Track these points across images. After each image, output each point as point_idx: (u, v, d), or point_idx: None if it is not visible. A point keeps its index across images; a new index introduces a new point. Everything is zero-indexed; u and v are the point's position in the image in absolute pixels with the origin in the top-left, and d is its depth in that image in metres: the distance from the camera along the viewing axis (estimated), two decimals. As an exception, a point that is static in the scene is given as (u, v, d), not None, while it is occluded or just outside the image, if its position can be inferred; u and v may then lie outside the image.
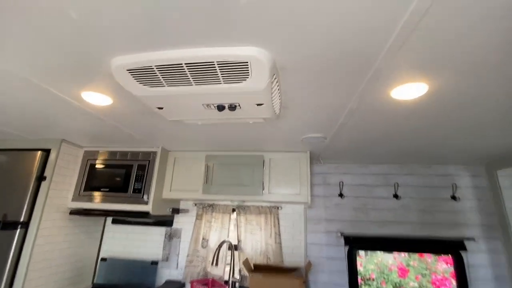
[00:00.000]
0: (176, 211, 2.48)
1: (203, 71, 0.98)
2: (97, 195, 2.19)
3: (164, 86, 1.07)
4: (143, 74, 1.01)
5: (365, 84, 1.10)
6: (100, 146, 2.34)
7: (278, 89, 1.12)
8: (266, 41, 0.85)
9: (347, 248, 2.34)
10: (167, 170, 2.32)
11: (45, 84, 1.19)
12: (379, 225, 2.38)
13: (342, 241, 2.35)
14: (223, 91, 1.07)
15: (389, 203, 2.43)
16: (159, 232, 2.55)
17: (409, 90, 1.12)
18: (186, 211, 2.53)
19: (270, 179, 2.18)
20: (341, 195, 2.47)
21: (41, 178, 2.03)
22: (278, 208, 2.41)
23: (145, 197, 2.12)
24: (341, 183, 2.51)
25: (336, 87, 1.14)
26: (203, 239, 2.42)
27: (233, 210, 2.48)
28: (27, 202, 1.94)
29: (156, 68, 0.97)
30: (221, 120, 1.42)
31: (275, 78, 1.03)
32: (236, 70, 0.96)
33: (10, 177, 2.01)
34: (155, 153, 2.23)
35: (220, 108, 1.19)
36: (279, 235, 2.36)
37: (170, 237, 2.52)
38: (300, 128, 1.67)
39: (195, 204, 2.51)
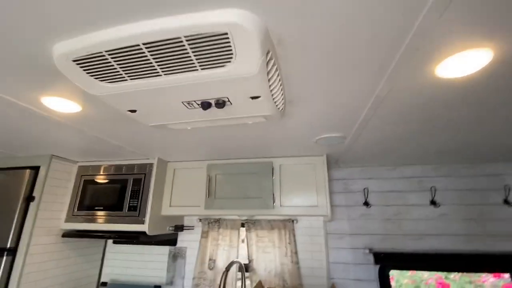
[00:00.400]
0: (180, 228, 2.23)
1: (169, 54, 0.71)
2: (91, 214, 1.98)
3: (125, 79, 0.81)
4: (94, 65, 0.76)
5: (399, 60, 0.78)
6: (94, 161, 2.15)
7: (278, 75, 0.84)
8: (250, -3, 0.58)
9: (377, 267, 1.96)
10: (166, 183, 2.07)
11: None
12: (415, 238, 1.99)
13: (371, 258, 1.98)
14: (202, 80, 0.80)
15: (426, 211, 2.04)
16: (162, 251, 2.30)
17: (463, 62, 0.79)
18: (190, 228, 2.27)
19: (281, 189, 1.88)
20: (366, 203, 2.11)
21: (29, 198, 1.86)
22: (293, 221, 2.09)
23: (141, 215, 1.88)
24: (366, 190, 2.15)
25: (358, 68, 0.83)
26: (210, 259, 2.14)
27: (242, 225, 2.18)
28: (14, 225, 1.76)
29: (108, 54, 0.72)
30: (213, 122, 1.15)
31: (271, 58, 0.74)
32: (214, 48, 0.68)
33: (-3, 198, 1.85)
34: (151, 165, 2.00)
35: (205, 105, 0.92)
36: (296, 253, 2.03)
37: (174, 257, 2.27)
38: (313, 128, 1.36)
39: (200, 220, 2.25)
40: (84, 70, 0.78)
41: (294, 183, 1.88)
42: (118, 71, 0.78)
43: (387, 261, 1.96)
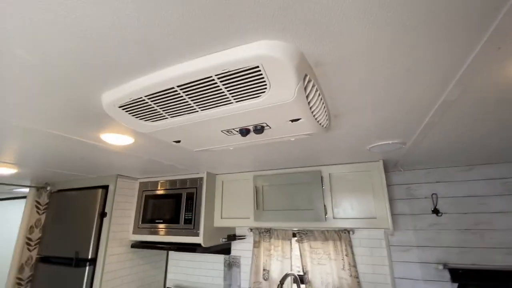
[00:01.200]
0: (232, 237, 2.28)
1: (203, 92, 0.70)
2: (153, 227, 2.16)
3: (166, 118, 0.83)
4: (137, 108, 0.79)
5: (476, 56, 0.63)
6: (152, 177, 2.33)
7: (319, 95, 0.76)
8: (283, 26, 0.51)
9: (456, 285, 1.69)
10: (216, 195, 2.14)
11: (63, 133, 1.11)
12: (503, 252, 1.66)
13: (447, 275, 1.72)
14: (238, 111, 0.76)
15: (518, 219, 1.68)
16: (217, 260, 2.39)
17: None
18: (243, 237, 2.31)
19: (333, 199, 1.76)
20: (436, 211, 1.84)
21: (103, 214, 2.11)
22: (349, 232, 1.95)
23: (196, 227, 1.97)
24: (434, 196, 1.87)
25: (420, 70, 0.70)
26: (264, 269, 2.14)
27: (294, 235, 2.12)
28: (92, 239, 2.02)
29: (148, 99, 0.74)
30: (253, 142, 1.11)
31: (309, 80, 0.67)
32: (246, 81, 0.64)
33: (78, 215, 2.15)
34: (201, 179, 2.08)
35: (244, 132, 0.89)
36: (355, 266, 1.88)
37: (229, 265, 2.33)
38: (364, 137, 1.23)
39: (251, 230, 2.26)
40: (129, 113, 0.82)
41: (347, 193, 1.74)
42: (159, 112, 0.80)
43: (468, 279, 1.68)
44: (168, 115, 0.81)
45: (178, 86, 0.68)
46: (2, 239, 3.61)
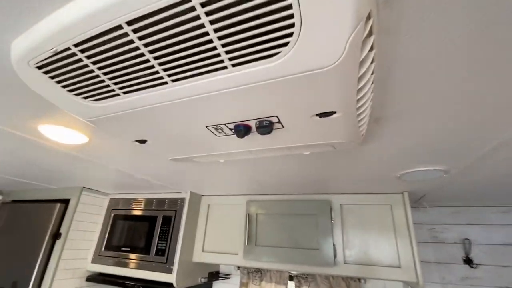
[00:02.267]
0: (215, 276, 1.85)
1: (176, 41, 0.39)
2: (118, 256, 1.73)
3: (116, 94, 0.51)
4: (66, 72, 0.47)
5: None
6: (125, 193, 1.95)
7: (372, 72, 0.45)
8: None
9: None
10: (199, 222, 1.75)
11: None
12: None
13: None
14: (236, 88, 0.45)
15: None
16: (195, 303, 1.93)
17: None
18: (227, 276, 1.88)
19: (344, 237, 1.40)
20: (469, 261, 1.49)
21: (56, 235, 1.69)
22: (360, 281, 1.56)
23: (169, 262, 1.57)
24: (466, 242, 1.53)
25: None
26: (250, 321, 1.70)
27: (290, 278, 1.72)
28: (37, 266, 1.59)
29: (81, 52, 0.43)
30: (255, 153, 0.79)
31: (369, 33, 0.37)
32: (258, 23, 0.34)
33: (25, 234, 1.73)
34: (182, 200, 1.71)
35: (241, 131, 0.57)
36: (367, 327, 1.47)
37: (208, 312, 1.87)
38: (401, 157, 0.91)
39: (238, 268, 1.85)
40: (55, 81, 0.50)
41: (361, 230, 1.39)
42: (103, 80, 0.48)
43: None
44: (119, 88, 0.49)
45: (129, 25, 0.37)
46: None
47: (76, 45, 0.42)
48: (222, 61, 0.41)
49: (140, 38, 0.39)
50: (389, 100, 0.58)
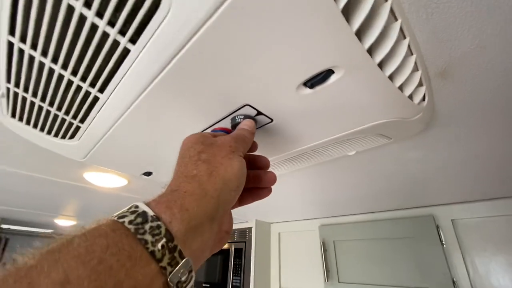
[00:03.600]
0: (303, 317, 1.58)
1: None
2: (201, 292, 1.72)
3: (77, 125, 0.45)
4: (28, 112, 0.45)
5: None
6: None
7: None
8: None
9: None
10: (271, 253, 1.57)
11: (43, 175, 0.89)
12: None
13: None
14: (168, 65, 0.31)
15: None
16: None
17: None
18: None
19: (470, 267, 0.94)
20: None
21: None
22: (521, 338, 0.99)
23: (245, 301, 1.43)
24: None
25: None
26: None
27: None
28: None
29: (16, 87, 0.39)
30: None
31: None
32: None
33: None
34: (250, 229, 1.59)
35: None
36: None
37: None
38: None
39: (329, 309, 1.52)
40: (26, 124, 0.48)
41: (494, 253, 0.90)
42: (53, 114, 0.43)
43: None
44: (71, 117, 0.43)
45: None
46: None
47: (8, 81, 0.39)
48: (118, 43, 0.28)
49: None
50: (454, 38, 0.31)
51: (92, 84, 0.35)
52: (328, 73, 0.29)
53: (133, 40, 0.28)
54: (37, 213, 1.74)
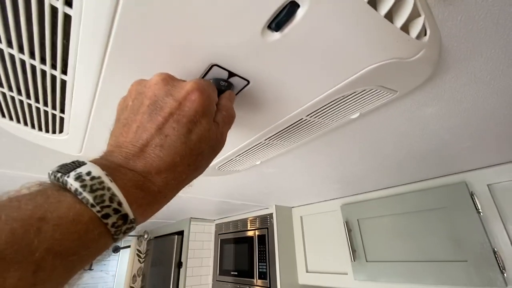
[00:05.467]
0: (335, 299, 1.54)
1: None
2: (231, 281, 1.75)
3: (60, 116, 0.45)
4: (14, 111, 0.45)
5: None
6: (226, 217, 2.01)
7: None
8: None
9: None
10: (295, 237, 1.54)
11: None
12: None
13: None
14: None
15: None
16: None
17: None
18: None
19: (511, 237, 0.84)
20: None
21: (179, 264, 1.90)
22: None
23: (272, 286, 1.42)
24: None
25: None
26: None
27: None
28: (171, 294, 1.81)
29: (-15, 80, 0.38)
30: (268, 144, 0.56)
31: None
32: None
33: (163, 264, 2.03)
34: (270, 215, 1.57)
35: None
36: None
37: None
38: None
39: (360, 290, 1.47)
40: (17, 122, 0.49)
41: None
42: (34, 107, 0.43)
43: None
44: (50, 108, 0.43)
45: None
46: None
47: (-19, 76, 0.38)
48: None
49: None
50: None
51: (54, 66, 0.34)
52: (292, 7, 0.25)
53: (69, 3, 0.25)
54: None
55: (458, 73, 0.44)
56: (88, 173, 0.18)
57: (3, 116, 0.48)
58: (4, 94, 0.41)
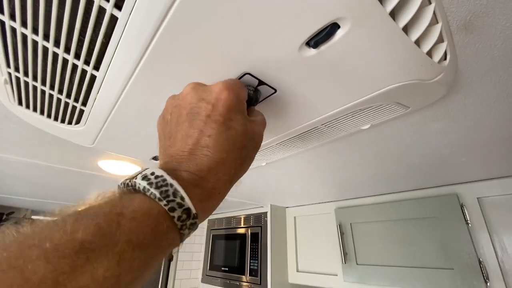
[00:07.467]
0: (322, 299, 1.58)
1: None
2: (220, 276, 1.77)
3: (80, 109, 0.45)
4: (33, 98, 0.45)
5: None
6: (219, 213, 2.02)
7: None
8: None
9: None
10: (288, 237, 1.57)
11: (61, 165, 0.92)
12: None
13: None
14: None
15: None
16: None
17: None
18: (336, 300, 1.57)
19: (498, 246, 0.89)
20: None
21: (170, 257, 1.91)
22: (555, 319, 0.93)
23: (263, 284, 1.45)
24: None
25: None
26: None
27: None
28: (159, 286, 1.82)
29: (17, 72, 0.38)
30: (279, 149, 0.58)
31: None
32: None
33: (151, 257, 2.03)
34: (265, 214, 1.59)
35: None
36: None
37: None
38: None
39: (347, 291, 1.51)
40: (33, 111, 0.48)
41: (532, 236, 0.84)
42: (56, 98, 0.43)
43: None
44: (73, 99, 0.43)
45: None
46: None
47: (8, 66, 0.38)
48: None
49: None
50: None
51: (87, 62, 0.34)
52: (333, 27, 0.26)
53: (119, 6, 0.26)
54: (63, 203, 1.83)
55: (466, 94, 0.47)
56: (152, 173, 0.21)
57: (20, 104, 0.48)
58: (30, 85, 0.41)
